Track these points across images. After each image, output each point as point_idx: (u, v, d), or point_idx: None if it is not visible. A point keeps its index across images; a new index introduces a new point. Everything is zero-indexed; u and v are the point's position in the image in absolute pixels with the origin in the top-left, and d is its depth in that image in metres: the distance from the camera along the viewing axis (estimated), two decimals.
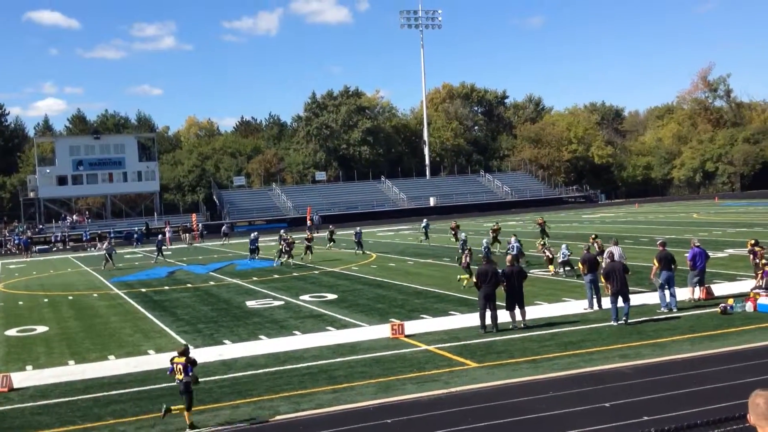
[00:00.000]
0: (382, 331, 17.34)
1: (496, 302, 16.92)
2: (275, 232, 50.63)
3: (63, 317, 23.02)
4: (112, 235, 60.66)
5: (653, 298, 18.88)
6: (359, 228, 42.00)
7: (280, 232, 42.35)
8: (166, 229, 61.69)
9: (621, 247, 21.89)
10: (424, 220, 43.80)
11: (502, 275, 17.13)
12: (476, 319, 17.12)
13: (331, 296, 24.02)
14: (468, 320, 17.96)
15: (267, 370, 14.43)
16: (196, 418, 11.53)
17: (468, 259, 24.43)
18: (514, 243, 28.06)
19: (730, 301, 17.70)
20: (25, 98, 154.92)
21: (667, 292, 18.10)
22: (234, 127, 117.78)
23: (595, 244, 26.30)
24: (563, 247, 25.84)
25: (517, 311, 17.16)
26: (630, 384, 11.99)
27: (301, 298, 23.96)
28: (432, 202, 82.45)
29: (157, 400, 12.72)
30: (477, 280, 17.14)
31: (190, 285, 29.43)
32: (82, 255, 52.50)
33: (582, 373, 12.88)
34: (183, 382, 11.27)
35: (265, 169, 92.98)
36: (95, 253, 53.03)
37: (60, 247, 62.16)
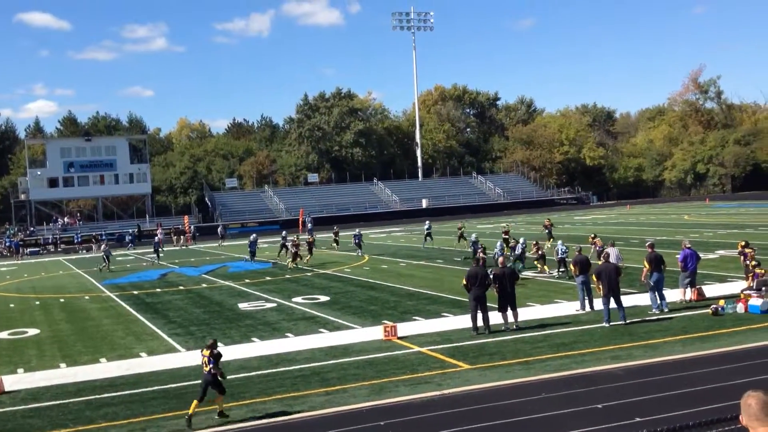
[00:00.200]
0: (374, 333, 17.35)
1: (486, 304, 16.95)
2: (273, 233, 50.54)
3: (54, 320, 22.93)
4: (114, 237, 60.28)
5: (644, 299, 18.94)
6: (359, 230, 41.67)
7: (282, 233, 42.35)
8: (158, 231, 61.58)
9: (618, 249, 21.97)
10: (427, 222, 43.36)
11: (493, 277, 17.18)
12: (469, 321, 17.15)
13: (324, 298, 24.00)
14: (460, 322, 17.98)
15: (259, 373, 14.42)
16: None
17: (483, 256, 24.42)
18: (521, 245, 28.03)
19: (722, 303, 17.79)
20: (15, 100, 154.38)
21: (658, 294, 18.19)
22: (226, 129, 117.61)
23: (594, 244, 26.52)
24: (559, 244, 25.90)
25: (509, 313, 17.19)
26: (622, 385, 12.03)
27: (294, 300, 23.94)
28: (424, 203, 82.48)
29: (149, 403, 12.72)
30: (467, 283, 17.16)
31: (182, 287, 29.36)
32: (74, 257, 52.29)
33: (574, 374, 12.91)
34: (210, 373, 11.65)
35: (258, 171, 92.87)
36: (87, 256, 52.85)
37: (51, 250, 61.91)
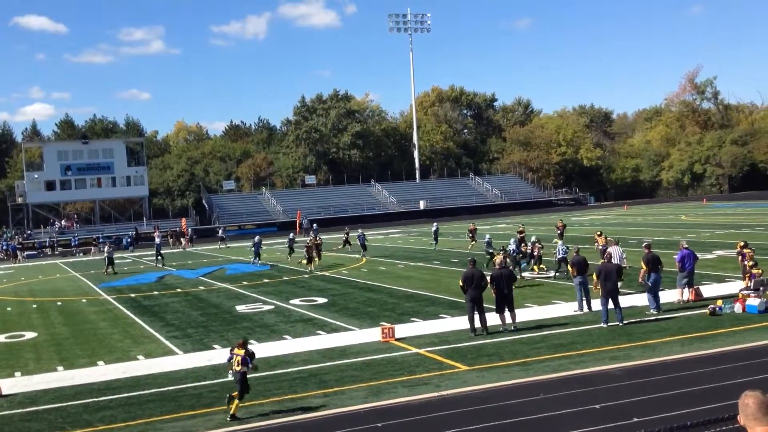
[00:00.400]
0: (372, 335, 17.34)
1: (483, 305, 16.95)
2: (270, 236, 50.44)
3: (52, 323, 22.89)
4: (112, 240, 59.97)
5: (642, 299, 18.95)
6: (361, 230, 41.17)
7: (290, 235, 42.16)
8: (155, 234, 61.45)
9: (621, 249, 21.80)
10: (435, 224, 43.08)
11: (490, 278, 17.18)
12: (467, 322, 17.14)
13: (322, 300, 23.98)
14: (458, 323, 17.97)
15: (257, 375, 14.37)
16: (187, 423, 11.52)
17: (503, 258, 24.41)
18: (530, 244, 27.95)
19: (719, 303, 17.79)
20: (12, 103, 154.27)
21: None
22: (223, 132, 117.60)
23: (598, 242, 26.63)
24: (560, 244, 25.93)
25: (507, 314, 17.19)
26: (620, 386, 12.03)
27: (291, 302, 23.91)
28: (422, 205, 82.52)
29: (147, 405, 12.69)
30: (463, 284, 17.15)
31: (179, 290, 29.32)
32: (71, 260, 52.23)
33: (572, 375, 12.91)
34: (240, 372, 11.76)
35: (255, 173, 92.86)
36: (84, 259, 52.79)
37: (48, 253, 61.82)
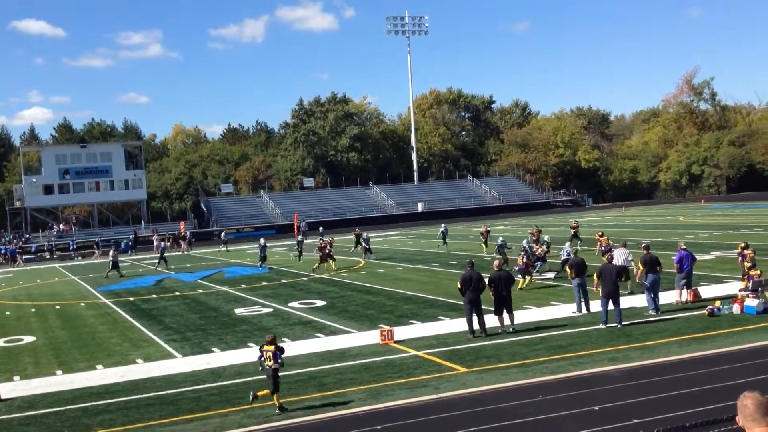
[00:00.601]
0: (371, 338, 17.34)
1: (481, 307, 16.96)
2: (267, 239, 50.22)
3: (50, 327, 22.87)
4: (117, 243, 59.69)
5: (641, 301, 18.96)
6: (366, 233, 40.56)
7: (299, 238, 41.89)
8: (154, 237, 61.42)
9: (629, 251, 21.53)
10: (442, 225, 42.62)
11: (488, 281, 17.18)
12: (465, 324, 17.13)
13: (320, 303, 23.98)
14: (457, 325, 17.97)
15: (256, 378, 14.35)
16: (186, 427, 11.51)
17: (526, 260, 24.46)
18: (567, 248, 27.80)
19: (717, 304, 17.82)
20: (10, 107, 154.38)
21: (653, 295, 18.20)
22: (221, 135, 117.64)
23: (600, 242, 26.66)
24: (567, 245, 25.97)
25: (506, 315, 17.19)
26: (619, 387, 12.04)
27: (290, 305, 23.91)
28: (420, 207, 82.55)
29: (146, 409, 12.68)
30: (461, 286, 17.15)
31: (178, 293, 29.31)
32: (69, 264, 52.18)
33: (571, 376, 12.91)
34: (271, 368, 12.06)
35: (253, 176, 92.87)
36: (83, 263, 52.75)
37: (47, 257, 61.74)
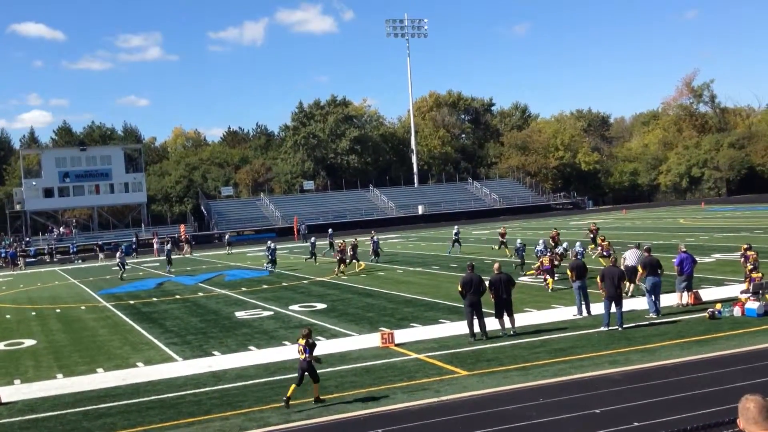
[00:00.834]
0: (371, 341, 17.33)
1: (482, 310, 16.95)
2: (263, 242, 50.22)
3: (51, 330, 22.86)
4: (123, 246, 59.62)
5: (641, 303, 18.96)
6: (376, 237, 39.67)
7: (311, 239, 41.72)
8: (154, 240, 61.45)
9: (641, 251, 21.13)
10: (456, 227, 42.08)
11: (489, 283, 17.19)
12: (466, 327, 17.13)
13: (321, 306, 23.97)
14: (458, 328, 17.97)
15: (257, 381, 14.39)
16: (187, 430, 11.51)
17: (555, 261, 24.54)
18: (562, 248, 27.80)
19: (718, 306, 17.82)
20: (10, 110, 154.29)
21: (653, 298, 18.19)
22: (221, 138, 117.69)
23: (600, 246, 26.73)
24: (577, 245, 26.03)
25: (506, 318, 17.19)
26: (620, 390, 12.03)
27: (291, 308, 23.90)
28: (420, 210, 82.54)
29: (147, 413, 12.67)
30: (462, 289, 17.15)
31: (178, 296, 29.31)
32: (70, 267, 52.18)
33: (572, 379, 12.91)
34: (306, 361, 12.40)
35: (253, 179, 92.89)
36: (83, 266, 52.76)
37: (47, 260, 61.72)
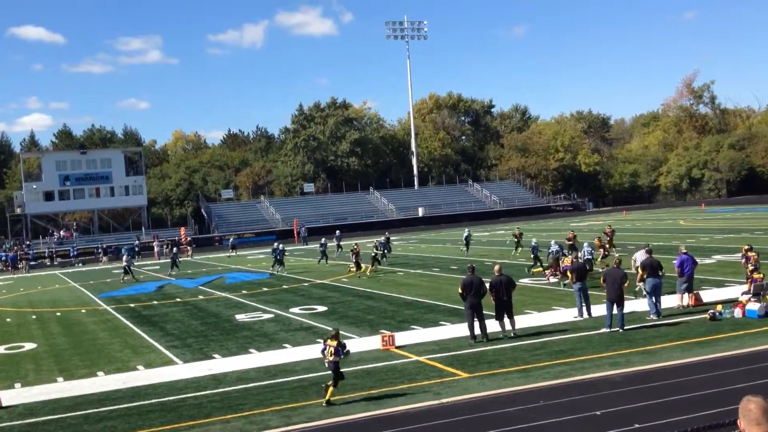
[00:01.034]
0: (372, 343, 17.33)
1: (482, 312, 16.94)
2: (268, 244, 50.34)
3: (51, 334, 22.85)
4: (129, 248, 59.55)
5: (642, 305, 18.95)
6: (383, 238, 39.33)
7: (321, 240, 41.38)
8: (154, 243, 61.47)
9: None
10: (466, 230, 41.76)
11: (489, 285, 17.18)
12: (466, 329, 17.12)
13: (321, 308, 23.97)
14: (458, 331, 17.96)
15: (257, 384, 14.38)
16: None
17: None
18: (586, 249, 27.84)
19: (719, 308, 17.81)
20: (10, 114, 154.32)
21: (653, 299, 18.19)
22: (221, 140, 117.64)
23: (602, 248, 26.78)
24: (585, 245, 26.01)
25: (507, 320, 17.18)
26: (620, 392, 12.02)
27: (291, 310, 23.89)
28: (420, 212, 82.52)
29: (147, 416, 12.67)
30: (462, 291, 17.14)
31: (179, 299, 29.30)
32: (70, 271, 52.18)
33: (573, 381, 12.90)
34: (333, 362, 12.52)
35: (253, 181, 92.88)
36: (83, 269, 52.76)
37: (47, 264, 61.72)
